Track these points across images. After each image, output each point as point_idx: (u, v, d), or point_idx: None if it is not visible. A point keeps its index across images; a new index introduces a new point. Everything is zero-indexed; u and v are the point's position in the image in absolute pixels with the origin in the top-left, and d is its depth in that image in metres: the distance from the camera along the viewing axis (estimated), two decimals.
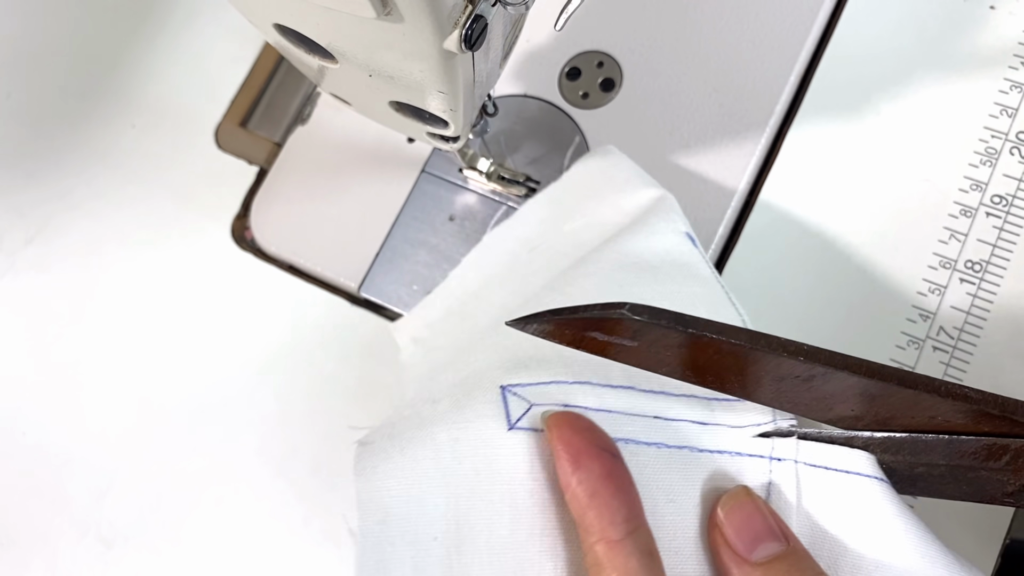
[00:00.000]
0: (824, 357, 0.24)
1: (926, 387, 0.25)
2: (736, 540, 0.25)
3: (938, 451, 0.26)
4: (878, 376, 0.24)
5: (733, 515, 0.25)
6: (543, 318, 0.25)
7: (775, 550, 0.25)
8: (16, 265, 0.50)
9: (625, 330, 0.24)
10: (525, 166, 0.47)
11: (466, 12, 0.25)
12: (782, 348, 0.24)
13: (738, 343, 0.24)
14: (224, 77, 0.52)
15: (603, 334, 0.24)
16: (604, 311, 0.23)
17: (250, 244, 0.49)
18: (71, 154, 0.52)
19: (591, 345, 0.25)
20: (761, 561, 0.24)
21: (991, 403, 0.25)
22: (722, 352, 0.24)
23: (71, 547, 0.45)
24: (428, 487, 0.25)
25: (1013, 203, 0.40)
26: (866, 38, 0.44)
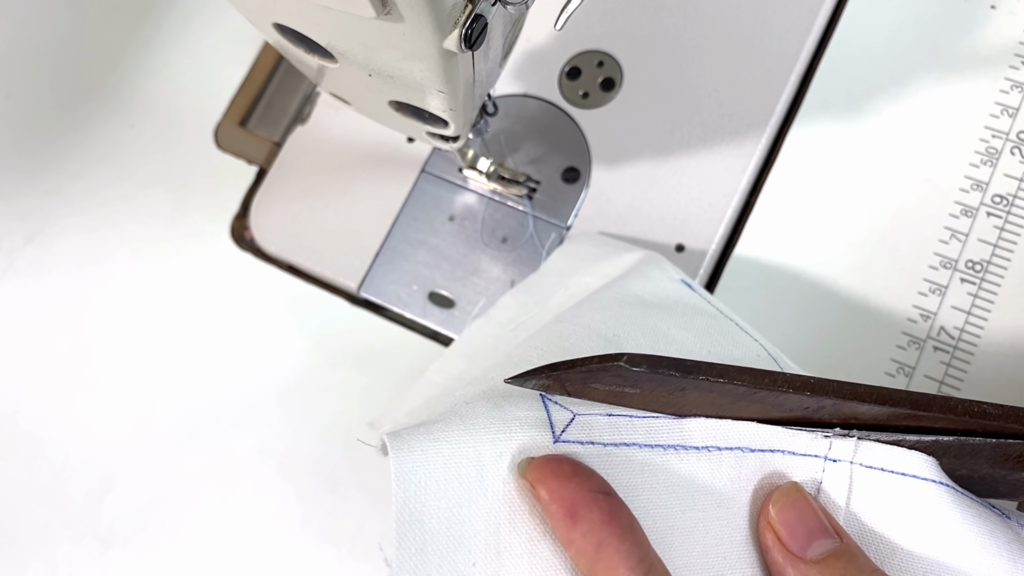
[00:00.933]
0: (832, 388, 0.24)
1: (941, 408, 0.24)
2: (789, 538, 0.24)
3: (983, 455, 0.26)
4: (890, 402, 0.24)
5: (785, 513, 0.25)
6: (541, 374, 0.24)
7: (829, 547, 0.24)
8: (15, 265, 0.50)
9: (625, 380, 0.24)
10: (525, 166, 0.47)
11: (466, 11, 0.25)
12: (787, 384, 0.24)
13: (741, 384, 0.23)
14: (223, 77, 0.52)
15: (603, 385, 0.24)
16: (602, 364, 0.23)
17: (249, 244, 0.49)
18: (71, 154, 0.52)
19: (594, 394, 0.25)
20: (816, 559, 0.24)
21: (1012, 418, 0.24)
22: (726, 394, 0.24)
23: (70, 547, 0.45)
24: (470, 511, 0.24)
25: (1014, 203, 0.40)
26: (866, 38, 0.44)
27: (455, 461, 0.24)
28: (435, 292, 0.46)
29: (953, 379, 0.39)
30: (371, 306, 0.47)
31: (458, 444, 0.24)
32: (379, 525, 0.43)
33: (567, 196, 0.46)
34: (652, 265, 0.38)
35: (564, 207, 0.46)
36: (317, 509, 0.44)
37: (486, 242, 0.46)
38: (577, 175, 0.46)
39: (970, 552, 0.25)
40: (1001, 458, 0.26)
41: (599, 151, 0.46)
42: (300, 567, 0.44)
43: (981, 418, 0.24)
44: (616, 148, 0.46)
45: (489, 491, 0.24)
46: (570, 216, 0.45)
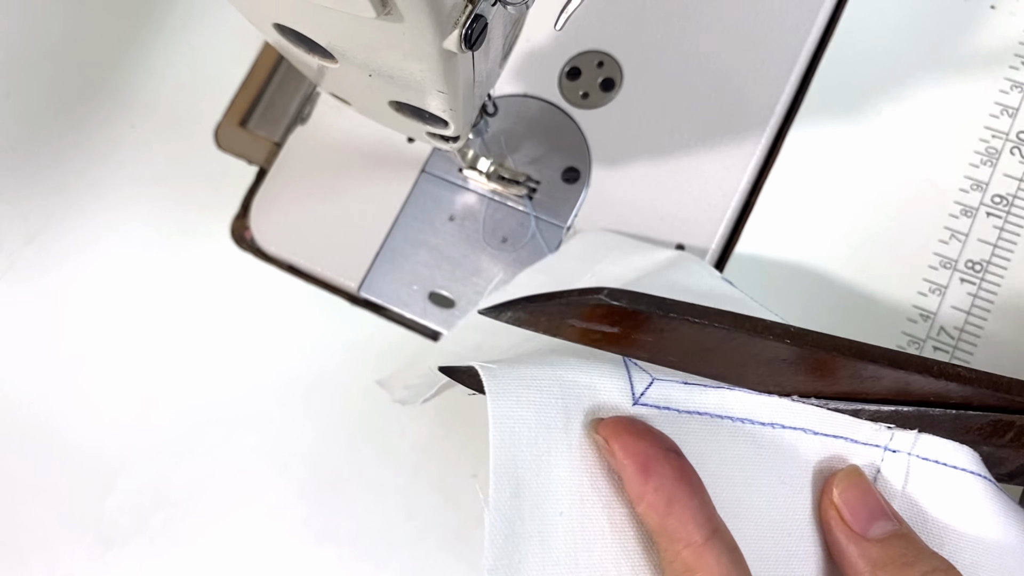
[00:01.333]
0: (812, 339, 0.24)
1: (918, 368, 0.24)
2: (852, 518, 0.25)
3: (945, 426, 0.26)
4: (868, 358, 0.24)
5: (848, 493, 0.25)
6: (517, 306, 0.24)
7: (890, 528, 0.25)
8: (16, 265, 0.50)
9: (604, 316, 0.23)
10: (525, 166, 0.47)
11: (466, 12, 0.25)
12: (767, 331, 0.23)
13: (721, 326, 0.23)
14: (224, 77, 0.52)
15: (581, 321, 0.24)
16: (582, 296, 0.23)
17: (250, 244, 0.49)
18: (71, 154, 0.52)
19: (569, 333, 0.24)
20: (877, 538, 0.24)
21: (985, 383, 0.25)
22: (705, 336, 0.24)
23: (70, 547, 0.45)
24: (558, 459, 0.24)
25: (1014, 203, 0.40)
26: (866, 38, 0.44)
27: (545, 411, 0.24)
28: (435, 292, 0.46)
29: None
30: (371, 306, 0.47)
31: (548, 394, 0.24)
32: (379, 524, 0.43)
33: (567, 196, 0.46)
34: (692, 262, 0.38)
35: (564, 207, 0.46)
36: (318, 508, 0.44)
37: (486, 242, 0.46)
38: (577, 175, 0.46)
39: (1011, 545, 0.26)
40: (961, 430, 0.26)
41: (599, 151, 0.46)
42: (301, 566, 0.44)
43: (956, 381, 0.24)
44: (616, 148, 0.46)
45: (574, 444, 0.25)
46: (570, 216, 0.45)
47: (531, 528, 0.24)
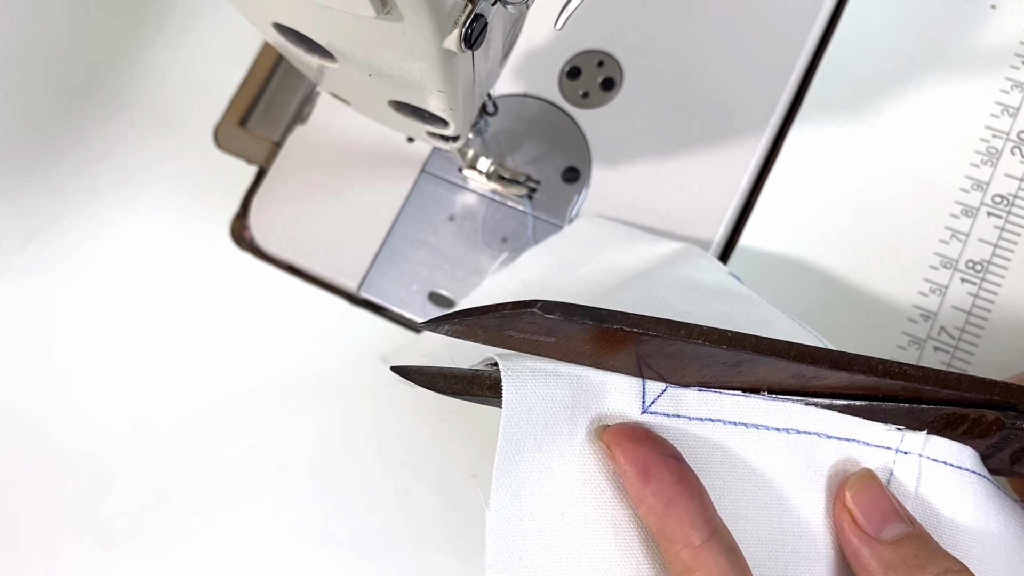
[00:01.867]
0: (750, 344, 0.24)
1: (861, 367, 0.24)
2: (865, 520, 0.25)
3: (898, 419, 0.26)
4: (808, 360, 0.24)
5: (861, 496, 0.26)
6: (454, 319, 0.24)
7: (903, 530, 0.25)
8: (15, 265, 0.50)
9: (540, 328, 0.23)
10: (525, 166, 0.47)
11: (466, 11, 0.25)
12: (703, 337, 0.24)
13: (656, 335, 0.23)
14: (223, 76, 0.52)
15: (518, 332, 0.24)
16: (515, 310, 0.23)
17: (249, 244, 0.49)
18: (70, 154, 0.52)
19: (509, 342, 0.25)
20: (891, 540, 0.25)
21: (931, 379, 0.25)
22: (643, 343, 0.24)
23: (70, 548, 0.45)
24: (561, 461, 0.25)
25: (1014, 203, 0.40)
26: (867, 38, 0.44)
27: (553, 415, 0.25)
28: (435, 292, 0.46)
29: None
30: (371, 306, 0.47)
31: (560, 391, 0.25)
32: (380, 524, 0.43)
33: (567, 196, 0.46)
34: (700, 255, 0.38)
35: (564, 207, 0.46)
36: (318, 508, 0.44)
37: (486, 242, 0.46)
38: (577, 175, 0.46)
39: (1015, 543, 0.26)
40: (915, 423, 0.26)
41: (599, 151, 0.46)
42: (301, 567, 0.44)
43: (902, 379, 0.24)
44: (616, 148, 0.46)
45: (577, 447, 0.25)
46: (570, 216, 0.45)
47: (532, 527, 0.24)
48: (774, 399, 0.26)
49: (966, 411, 0.26)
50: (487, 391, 0.25)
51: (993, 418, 0.26)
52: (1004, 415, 0.26)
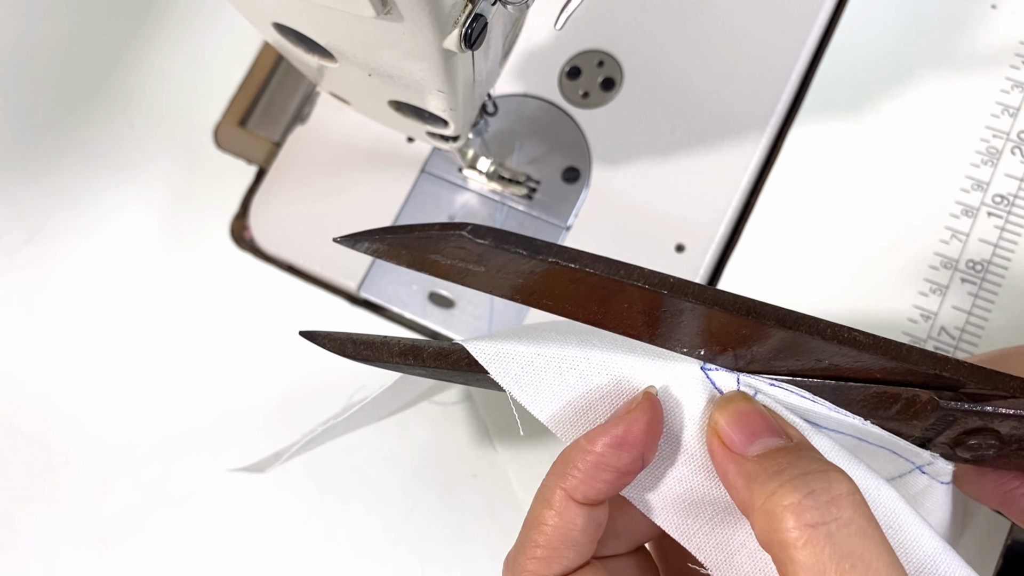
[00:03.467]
0: (693, 291, 0.22)
1: (809, 329, 0.23)
2: (731, 438, 0.23)
3: (825, 396, 0.25)
4: (754, 314, 0.23)
5: (726, 413, 0.24)
6: (375, 235, 0.22)
7: (772, 444, 0.23)
8: (15, 265, 0.50)
9: (469, 254, 0.22)
10: (525, 166, 0.47)
11: (466, 11, 0.25)
12: (644, 279, 0.22)
13: (594, 272, 0.22)
14: (223, 76, 0.52)
15: (445, 258, 0.22)
16: (443, 231, 0.21)
17: (249, 244, 0.49)
18: (70, 154, 0.52)
19: (434, 268, 0.23)
20: (757, 453, 0.23)
21: (882, 349, 0.23)
22: (578, 281, 0.22)
23: (70, 547, 0.45)
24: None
25: (1015, 203, 0.40)
26: (867, 37, 0.44)
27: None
28: (435, 292, 0.46)
29: None
30: (371, 306, 0.47)
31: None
32: (379, 525, 0.43)
33: (567, 196, 0.46)
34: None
35: (564, 207, 0.46)
36: (318, 509, 0.44)
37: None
38: (577, 175, 0.46)
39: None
40: (843, 401, 0.25)
41: (599, 151, 0.46)
42: (300, 567, 0.44)
43: (851, 345, 0.23)
44: (616, 148, 0.46)
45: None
46: (570, 216, 0.45)
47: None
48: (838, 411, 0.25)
49: (898, 390, 0.24)
50: (396, 358, 0.25)
51: (927, 398, 0.24)
52: (939, 395, 0.24)
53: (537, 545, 0.24)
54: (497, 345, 0.25)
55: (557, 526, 0.24)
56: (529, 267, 0.22)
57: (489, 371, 0.25)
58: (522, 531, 0.25)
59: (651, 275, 0.22)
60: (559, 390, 0.25)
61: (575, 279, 0.22)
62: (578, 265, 0.22)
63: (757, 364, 0.25)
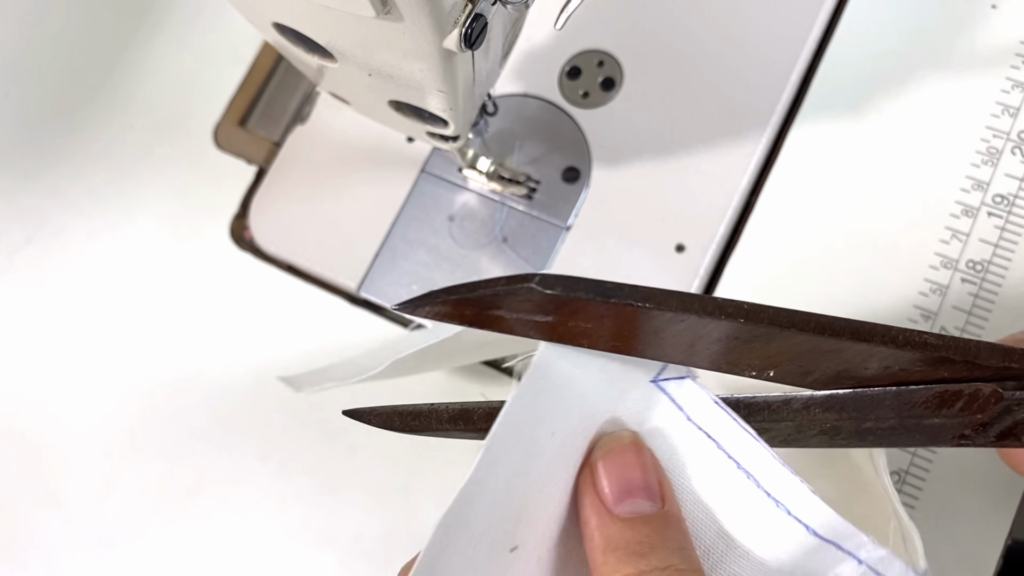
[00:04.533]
0: (768, 316, 0.22)
1: (882, 339, 0.23)
2: (605, 485, 0.22)
3: (886, 405, 0.25)
4: (830, 332, 0.23)
5: (610, 460, 0.23)
6: (437, 298, 0.22)
7: (641, 509, 0.22)
8: (15, 265, 0.50)
9: (537, 306, 0.22)
10: (525, 166, 0.47)
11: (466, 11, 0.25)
12: (719, 310, 0.22)
13: (667, 309, 0.21)
14: (223, 76, 0.52)
15: (511, 312, 0.22)
16: (510, 285, 0.21)
17: (249, 244, 0.49)
18: (69, 154, 0.52)
19: (498, 324, 0.22)
20: (623, 516, 0.22)
21: (952, 348, 0.23)
22: (652, 319, 0.22)
23: (69, 548, 0.45)
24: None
25: (1015, 203, 0.40)
26: (868, 37, 0.44)
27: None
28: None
29: None
30: (371, 306, 0.47)
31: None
32: (379, 526, 0.43)
33: (567, 196, 0.46)
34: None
35: (564, 207, 0.46)
36: (317, 510, 0.44)
37: (486, 242, 0.46)
38: (577, 175, 0.46)
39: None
40: (906, 406, 0.25)
41: (599, 151, 0.46)
42: (300, 568, 0.43)
43: (923, 349, 0.23)
44: (616, 148, 0.46)
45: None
46: (570, 216, 0.45)
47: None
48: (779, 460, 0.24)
49: (960, 387, 0.24)
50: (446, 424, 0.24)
51: (990, 391, 0.24)
52: (1002, 387, 0.24)
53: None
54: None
55: None
56: (601, 311, 0.21)
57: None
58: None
59: (725, 304, 0.22)
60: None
61: (649, 318, 0.22)
62: (652, 304, 0.21)
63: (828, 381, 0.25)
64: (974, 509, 0.37)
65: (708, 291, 0.44)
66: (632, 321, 0.22)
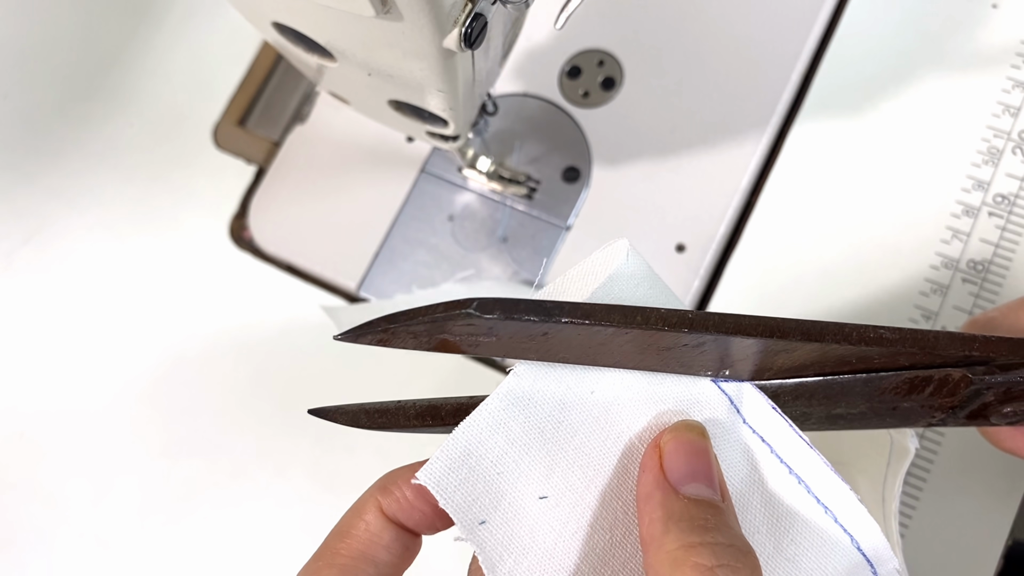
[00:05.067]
0: (713, 323, 0.22)
1: (835, 336, 0.23)
2: (671, 466, 0.23)
3: (856, 392, 0.25)
4: (778, 334, 0.23)
5: (679, 445, 0.23)
6: (377, 327, 0.22)
7: (707, 495, 0.23)
8: (14, 265, 0.50)
9: (478, 328, 0.22)
10: (525, 165, 0.46)
11: (466, 10, 0.25)
12: (662, 322, 0.22)
13: (610, 325, 0.22)
14: (222, 76, 0.52)
15: (454, 336, 0.22)
16: (448, 312, 0.21)
17: (248, 244, 0.49)
18: (69, 154, 0.52)
19: (445, 346, 0.23)
20: (688, 495, 0.22)
21: (909, 342, 0.23)
22: (595, 334, 0.22)
23: (69, 547, 0.45)
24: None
25: (1015, 203, 0.40)
26: (868, 37, 0.44)
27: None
28: None
29: None
30: None
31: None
32: None
33: (567, 196, 0.46)
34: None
35: (564, 207, 0.46)
36: (317, 510, 0.44)
37: (486, 242, 0.46)
38: (577, 175, 0.46)
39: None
40: (876, 392, 0.25)
41: (599, 151, 0.46)
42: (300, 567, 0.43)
43: (879, 345, 0.23)
44: (616, 148, 0.46)
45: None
46: (570, 216, 0.45)
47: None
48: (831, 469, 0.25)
49: (930, 373, 0.25)
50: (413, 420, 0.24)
51: (960, 376, 0.25)
52: (971, 372, 0.25)
53: (338, 553, 0.24)
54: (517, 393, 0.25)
55: (363, 539, 0.24)
56: (542, 330, 0.22)
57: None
58: (327, 539, 0.24)
59: (668, 316, 0.22)
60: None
61: (591, 333, 0.22)
62: (592, 321, 0.22)
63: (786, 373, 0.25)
64: (974, 510, 0.37)
65: (708, 291, 0.44)
66: (578, 337, 0.22)
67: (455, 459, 0.23)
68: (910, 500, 0.37)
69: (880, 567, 0.24)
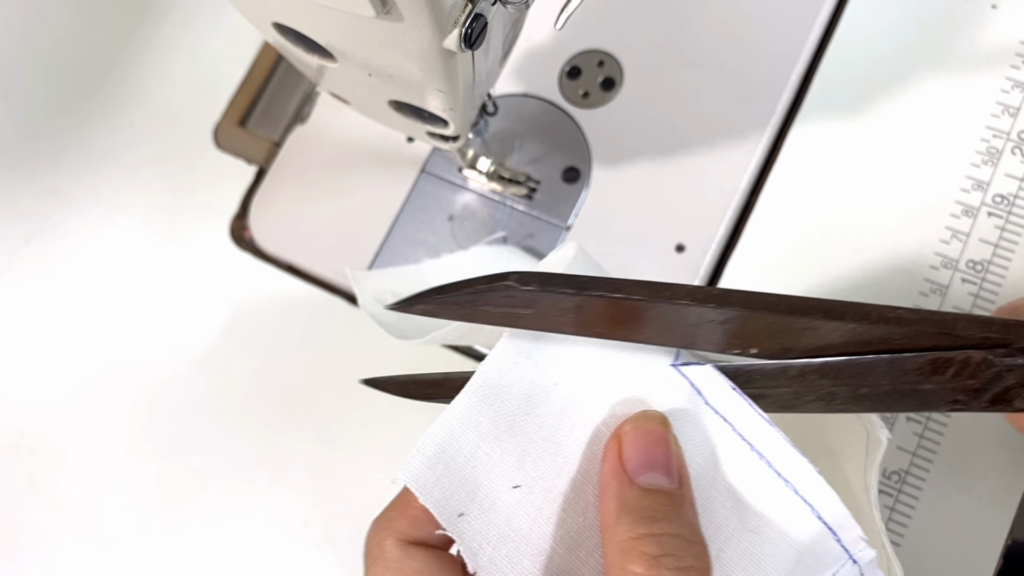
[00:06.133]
0: (738, 299, 0.23)
1: (855, 316, 0.24)
2: (628, 456, 0.24)
3: (879, 372, 0.25)
4: (800, 312, 0.23)
5: (638, 434, 0.24)
6: (426, 299, 0.24)
7: (661, 483, 0.23)
8: (14, 265, 0.50)
9: (517, 301, 0.23)
10: (525, 166, 0.47)
11: (466, 11, 0.25)
12: (689, 297, 0.23)
13: (640, 299, 0.23)
14: (223, 76, 0.52)
15: (495, 307, 0.24)
16: (491, 284, 0.22)
17: (249, 244, 0.49)
18: (69, 154, 0.52)
19: (485, 316, 0.24)
20: (643, 486, 0.23)
21: (928, 323, 0.24)
22: (625, 308, 0.23)
23: (70, 547, 0.45)
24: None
25: (1015, 203, 0.40)
26: (868, 37, 0.44)
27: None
28: None
29: None
30: None
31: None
32: None
33: (567, 196, 0.46)
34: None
35: (564, 207, 0.46)
36: (317, 510, 0.44)
37: (486, 242, 0.46)
38: (577, 175, 0.46)
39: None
40: (900, 373, 0.25)
41: (599, 151, 0.46)
42: (300, 569, 0.43)
43: (898, 324, 0.24)
44: (616, 148, 0.46)
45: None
46: (570, 216, 0.45)
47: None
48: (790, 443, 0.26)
49: (951, 355, 0.25)
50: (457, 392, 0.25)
51: (980, 358, 0.25)
52: (992, 354, 0.25)
53: (411, 505, 0.24)
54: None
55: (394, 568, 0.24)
56: (576, 303, 0.23)
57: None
58: (399, 495, 0.25)
59: (696, 291, 0.23)
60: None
61: (622, 307, 0.23)
62: (623, 294, 0.23)
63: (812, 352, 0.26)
64: (974, 508, 0.37)
65: None
66: (609, 310, 0.24)
67: (430, 457, 0.24)
68: (909, 500, 0.38)
69: (843, 534, 0.25)
